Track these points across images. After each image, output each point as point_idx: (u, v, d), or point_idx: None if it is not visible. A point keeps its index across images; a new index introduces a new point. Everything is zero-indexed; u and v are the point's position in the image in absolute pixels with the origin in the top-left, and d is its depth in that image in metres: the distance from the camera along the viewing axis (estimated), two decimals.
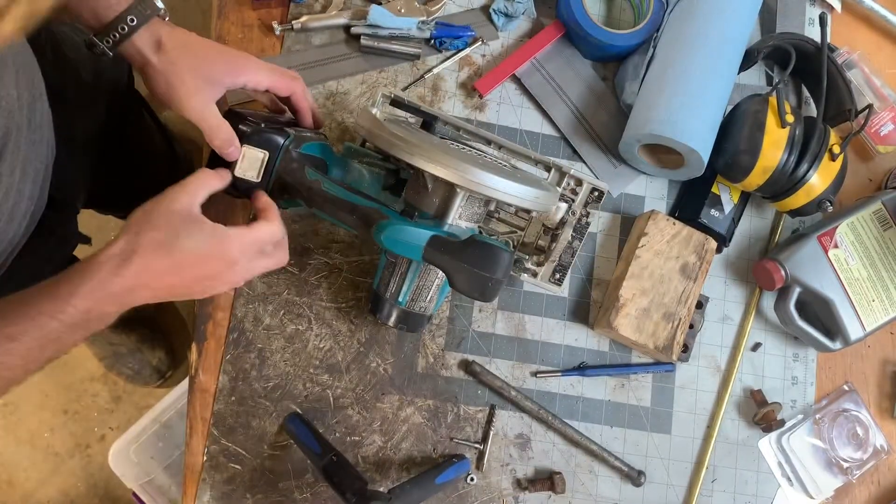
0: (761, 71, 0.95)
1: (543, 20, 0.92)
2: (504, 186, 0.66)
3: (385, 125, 0.68)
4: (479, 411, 0.84)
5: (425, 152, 0.65)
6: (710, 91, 0.82)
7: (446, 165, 0.65)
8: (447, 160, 0.65)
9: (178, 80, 0.64)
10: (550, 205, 0.73)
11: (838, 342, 0.85)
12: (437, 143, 0.72)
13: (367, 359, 0.83)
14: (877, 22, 0.98)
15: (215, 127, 0.65)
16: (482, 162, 0.71)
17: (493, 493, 0.82)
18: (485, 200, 0.72)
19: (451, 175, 0.65)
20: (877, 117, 0.93)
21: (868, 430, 0.87)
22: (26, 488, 1.53)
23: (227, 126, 0.66)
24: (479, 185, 0.65)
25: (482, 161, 0.73)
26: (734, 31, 0.85)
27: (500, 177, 0.66)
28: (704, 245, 0.85)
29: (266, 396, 0.81)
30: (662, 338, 0.82)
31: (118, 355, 1.53)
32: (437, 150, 0.66)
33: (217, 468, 0.80)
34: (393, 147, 0.66)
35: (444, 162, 0.65)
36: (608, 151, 0.90)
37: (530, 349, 0.85)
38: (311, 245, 0.84)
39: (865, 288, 0.85)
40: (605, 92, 0.91)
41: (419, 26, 0.87)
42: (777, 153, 0.82)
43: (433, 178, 0.67)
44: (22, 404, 1.56)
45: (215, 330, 0.82)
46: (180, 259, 0.58)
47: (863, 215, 0.87)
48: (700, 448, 0.86)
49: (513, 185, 0.67)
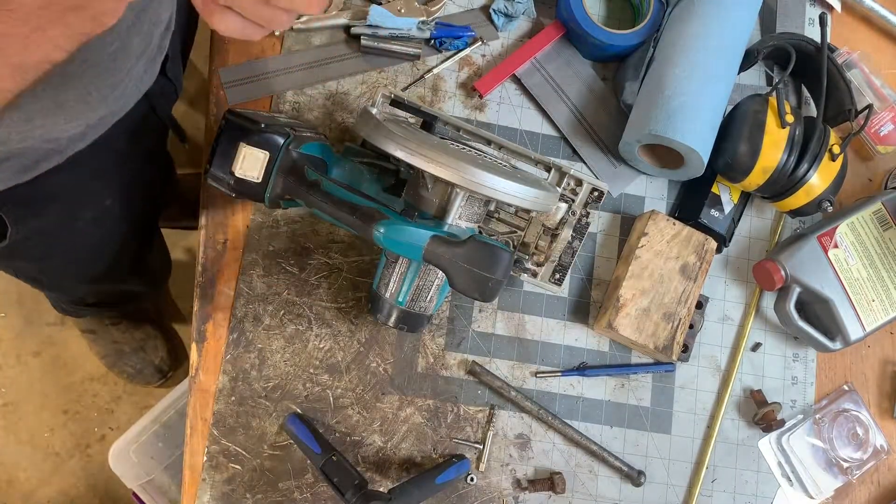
0: (761, 71, 0.95)
1: (543, 20, 0.92)
2: (504, 186, 0.66)
3: (385, 125, 0.68)
4: (479, 411, 0.84)
5: (425, 152, 0.65)
6: (709, 91, 0.83)
7: (446, 165, 0.65)
8: (447, 160, 0.65)
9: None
10: (550, 205, 0.73)
11: (838, 342, 0.85)
12: (437, 143, 0.72)
13: (367, 359, 0.83)
14: (877, 22, 0.98)
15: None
16: (482, 162, 0.71)
17: (493, 493, 0.82)
18: (485, 200, 0.72)
19: (451, 175, 0.65)
20: (877, 117, 0.93)
21: (868, 430, 0.87)
22: (26, 488, 1.53)
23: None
24: (479, 185, 0.65)
25: (482, 161, 0.73)
26: (734, 31, 0.85)
27: (500, 177, 0.66)
28: (704, 245, 0.85)
29: (266, 396, 0.81)
30: (662, 338, 0.82)
31: (120, 353, 1.53)
32: (437, 150, 0.66)
33: (217, 468, 0.80)
34: (393, 147, 0.66)
35: (444, 162, 0.65)
36: (608, 151, 0.90)
37: (530, 349, 0.85)
38: (311, 245, 0.84)
39: (865, 288, 0.86)
40: (605, 92, 0.91)
41: (419, 26, 0.87)
42: (777, 153, 0.82)
43: (433, 178, 0.67)
44: (22, 404, 1.56)
45: (215, 330, 0.82)
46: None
47: (863, 215, 0.87)
48: (700, 448, 0.86)
49: (513, 185, 0.67)
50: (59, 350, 1.59)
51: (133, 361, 1.53)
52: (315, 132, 0.77)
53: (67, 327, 1.59)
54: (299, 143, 0.70)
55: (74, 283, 1.18)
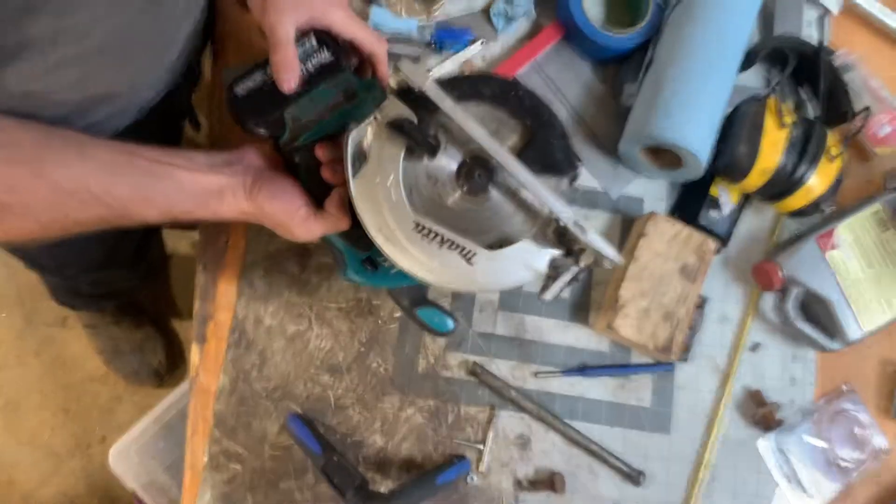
0: (760, 73, 0.95)
1: (543, 22, 0.92)
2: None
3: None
4: (480, 412, 0.84)
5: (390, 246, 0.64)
6: (708, 93, 0.83)
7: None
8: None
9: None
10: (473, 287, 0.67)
11: (837, 342, 0.85)
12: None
13: (367, 359, 0.83)
14: (875, 24, 0.99)
15: (283, 44, 0.65)
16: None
17: (493, 493, 0.83)
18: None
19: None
20: (875, 119, 0.93)
21: (867, 430, 0.88)
22: (26, 488, 1.53)
23: (293, 49, 0.65)
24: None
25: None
26: (733, 32, 0.85)
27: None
28: (704, 246, 0.85)
29: (267, 397, 0.81)
30: (662, 338, 0.82)
31: (118, 352, 1.53)
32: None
33: (218, 468, 0.80)
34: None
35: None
36: (607, 153, 0.90)
37: (530, 349, 0.86)
38: (311, 245, 0.84)
39: (864, 288, 0.86)
40: (605, 94, 0.91)
41: (419, 28, 0.87)
42: (776, 155, 0.82)
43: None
44: (22, 404, 1.57)
45: (216, 330, 0.82)
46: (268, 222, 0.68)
47: (861, 216, 0.88)
48: (700, 448, 0.86)
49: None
50: (59, 350, 1.59)
51: (131, 361, 1.54)
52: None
53: (67, 327, 1.60)
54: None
55: (75, 269, 1.18)
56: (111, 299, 1.45)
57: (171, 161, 0.63)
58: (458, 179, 0.67)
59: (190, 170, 0.64)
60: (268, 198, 0.65)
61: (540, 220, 0.68)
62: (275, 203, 0.66)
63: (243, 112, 0.67)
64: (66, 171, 0.59)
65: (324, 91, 0.67)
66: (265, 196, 0.65)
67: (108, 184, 0.60)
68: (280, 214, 0.66)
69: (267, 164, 0.69)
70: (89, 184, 0.59)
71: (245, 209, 0.66)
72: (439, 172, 0.67)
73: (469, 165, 0.67)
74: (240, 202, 0.66)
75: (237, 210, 0.66)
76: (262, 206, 0.66)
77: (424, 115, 0.65)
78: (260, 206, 0.66)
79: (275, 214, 0.66)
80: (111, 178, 0.60)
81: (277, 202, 0.66)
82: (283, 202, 0.66)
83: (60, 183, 0.58)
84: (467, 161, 0.68)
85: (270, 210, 0.66)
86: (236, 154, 0.68)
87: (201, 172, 0.64)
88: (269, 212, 0.66)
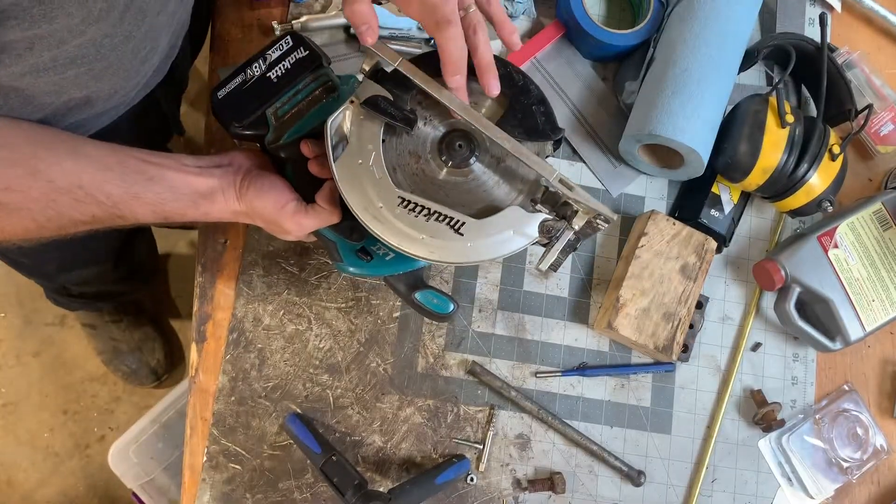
0: (761, 71, 0.95)
1: (543, 20, 0.92)
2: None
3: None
4: (480, 411, 0.84)
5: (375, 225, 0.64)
6: (710, 91, 0.82)
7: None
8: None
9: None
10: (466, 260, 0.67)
11: (838, 342, 0.85)
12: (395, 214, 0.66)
13: (366, 359, 0.83)
14: (877, 22, 0.98)
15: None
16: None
17: (493, 493, 0.82)
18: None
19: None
20: (877, 117, 0.93)
21: (868, 430, 0.87)
22: (26, 488, 1.53)
23: (367, 2, 0.63)
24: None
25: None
26: (734, 31, 0.85)
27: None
28: (704, 245, 0.85)
29: (266, 396, 0.81)
30: (662, 338, 0.82)
31: (117, 352, 1.53)
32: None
33: (217, 468, 0.80)
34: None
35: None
36: (608, 151, 0.90)
37: (530, 349, 0.85)
38: (311, 245, 0.84)
39: (865, 288, 0.85)
40: (605, 92, 0.91)
41: (419, 27, 0.87)
42: (777, 153, 0.82)
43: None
44: (22, 404, 1.56)
45: (215, 330, 0.82)
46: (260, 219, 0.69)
47: (863, 215, 0.87)
48: (700, 448, 0.86)
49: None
50: (59, 350, 1.59)
51: (129, 361, 1.54)
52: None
53: (67, 327, 1.59)
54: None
55: (55, 270, 1.18)
56: (105, 300, 1.44)
57: (161, 162, 0.64)
58: (441, 153, 0.68)
59: (180, 171, 0.64)
60: (256, 195, 0.66)
61: (527, 185, 0.67)
62: (264, 199, 0.66)
63: (225, 113, 0.68)
64: (59, 168, 0.59)
65: (302, 85, 0.68)
66: (254, 193, 0.66)
67: (101, 181, 0.60)
68: (270, 210, 0.66)
69: (255, 164, 0.69)
70: (82, 181, 0.59)
71: (236, 209, 0.67)
72: (421, 149, 0.68)
73: (450, 137, 0.68)
74: (230, 203, 0.66)
75: (229, 211, 0.67)
76: (251, 204, 0.66)
77: (400, 93, 0.66)
78: (250, 204, 0.66)
79: (265, 210, 0.66)
80: (103, 176, 0.61)
81: (266, 198, 0.66)
82: (271, 198, 0.66)
83: (55, 181, 0.58)
84: (448, 133, 0.68)
85: (260, 206, 0.66)
86: (225, 157, 0.69)
87: (192, 174, 0.65)
88: (259, 208, 0.66)
